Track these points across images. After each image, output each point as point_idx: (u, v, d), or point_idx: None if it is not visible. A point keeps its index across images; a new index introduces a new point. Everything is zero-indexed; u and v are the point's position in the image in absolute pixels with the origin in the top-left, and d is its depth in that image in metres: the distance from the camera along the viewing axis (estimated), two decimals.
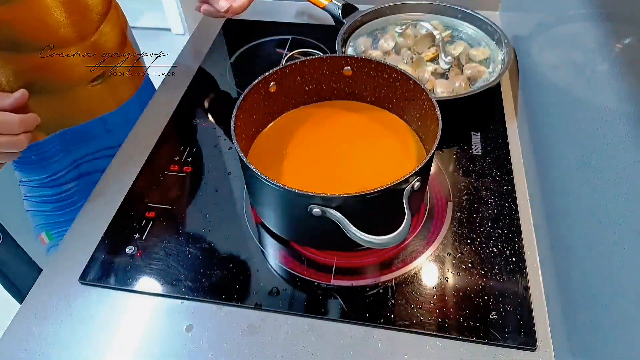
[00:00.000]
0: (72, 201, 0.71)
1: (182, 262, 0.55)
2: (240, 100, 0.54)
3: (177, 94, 0.78)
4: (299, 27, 0.93)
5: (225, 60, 0.85)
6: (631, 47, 0.40)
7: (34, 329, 0.50)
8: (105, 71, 0.68)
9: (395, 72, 0.58)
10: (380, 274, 0.54)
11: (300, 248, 0.56)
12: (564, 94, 0.55)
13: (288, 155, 0.59)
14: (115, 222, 0.59)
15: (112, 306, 0.52)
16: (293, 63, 0.59)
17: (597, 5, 0.48)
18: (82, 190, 0.72)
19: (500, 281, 0.52)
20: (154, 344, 0.49)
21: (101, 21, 0.65)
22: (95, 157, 0.73)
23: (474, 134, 0.69)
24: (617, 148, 0.39)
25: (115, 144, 0.72)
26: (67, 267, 0.55)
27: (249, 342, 0.49)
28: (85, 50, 0.63)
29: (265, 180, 0.46)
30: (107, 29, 0.66)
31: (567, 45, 0.56)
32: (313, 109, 0.65)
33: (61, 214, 0.71)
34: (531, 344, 0.48)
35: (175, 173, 0.65)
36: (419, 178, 0.47)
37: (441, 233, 0.57)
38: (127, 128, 0.74)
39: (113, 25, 0.67)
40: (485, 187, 0.62)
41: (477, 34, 0.80)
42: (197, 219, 0.59)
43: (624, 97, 0.39)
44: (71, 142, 0.70)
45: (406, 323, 0.49)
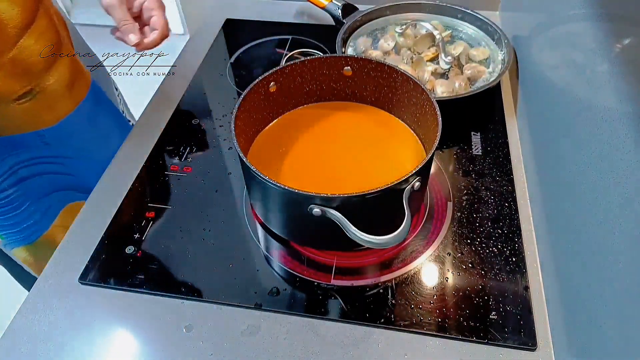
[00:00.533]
0: (15, 205, 0.67)
1: (182, 262, 0.55)
2: (240, 100, 0.54)
3: (177, 94, 0.78)
4: (299, 27, 0.93)
5: (225, 60, 0.85)
6: (631, 47, 0.40)
7: (34, 329, 0.50)
8: (32, 88, 0.61)
9: (395, 72, 0.58)
10: (380, 274, 0.54)
11: (300, 248, 0.56)
12: (564, 94, 0.55)
13: (288, 155, 0.59)
14: (115, 222, 0.59)
15: (112, 306, 0.52)
16: (293, 63, 0.59)
17: (597, 5, 0.47)
18: (24, 195, 0.68)
19: (500, 281, 0.52)
20: (154, 344, 0.49)
21: (20, 35, 0.58)
22: (33, 162, 0.68)
23: (474, 134, 0.69)
24: (617, 148, 0.39)
25: (56, 154, 0.68)
26: (67, 267, 0.55)
27: (249, 342, 0.49)
28: (1, 68, 0.57)
29: (265, 180, 0.46)
30: (30, 43, 0.59)
31: (567, 45, 0.56)
32: (313, 109, 0.65)
33: (7, 218, 0.68)
34: (531, 344, 0.48)
35: (175, 173, 0.65)
36: (419, 178, 0.47)
37: (441, 233, 0.57)
38: (70, 142, 0.69)
39: (38, 37, 0.60)
40: (485, 187, 0.62)
41: (477, 34, 0.80)
42: (197, 219, 0.59)
43: (624, 97, 0.39)
44: (4, 151, 0.64)
45: (406, 323, 0.49)
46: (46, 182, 0.70)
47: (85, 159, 0.72)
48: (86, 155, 0.72)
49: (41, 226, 0.71)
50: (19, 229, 0.69)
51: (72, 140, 0.69)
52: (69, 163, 0.71)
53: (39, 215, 0.70)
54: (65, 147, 0.69)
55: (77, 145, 0.71)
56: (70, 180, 0.73)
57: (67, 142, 0.69)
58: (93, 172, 0.67)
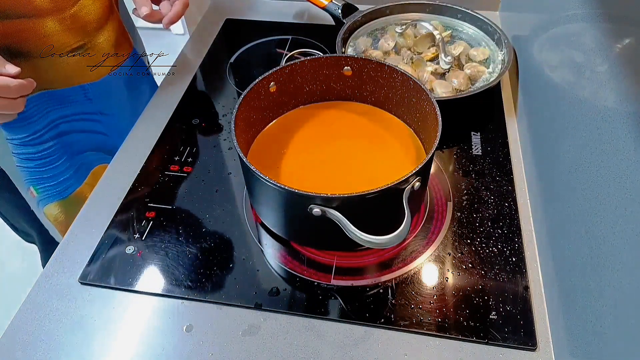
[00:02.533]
0: (53, 159, 0.72)
1: (182, 262, 0.55)
2: (240, 100, 0.54)
3: (177, 94, 0.78)
4: (299, 27, 0.93)
5: (225, 60, 0.85)
6: (631, 47, 0.40)
7: (34, 329, 0.50)
8: (85, 43, 0.67)
9: (395, 73, 0.58)
10: (380, 274, 0.54)
11: (300, 248, 0.56)
12: (563, 94, 0.55)
13: (288, 155, 0.59)
14: (115, 222, 0.59)
15: (112, 306, 0.52)
16: (293, 63, 0.59)
17: (597, 5, 0.47)
18: (62, 149, 0.73)
19: (500, 281, 0.52)
20: (154, 344, 0.49)
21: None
22: (74, 119, 0.73)
23: (474, 134, 0.69)
24: (617, 148, 0.39)
25: (95, 110, 0.73)
26: (67, 267, 0.55)
27: (249, 342, 0.49)
28: (62, 22, 0.63)
29: (265, 180, 0.46)
30: (88, 2, 0.65)
31: (567, 45, 0.56)
32: (313, 109, 0.65)
33: (44, 171, 0.72)
34: (531, 344, 0.48)
35: (175, 173, 0.65)
36: (419, 178, 0.47)
37: (441, 233, 0.57)
38: (109, 100, 0.74)
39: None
40: (485, 187, 0.62)
41: (477, 34, 0.80)
42: (197, 219, 0.59)
43: (624, 97, 0.39)
44: (50, 104, 0.70)
45: (406, 323, 0.49)
46: (83, 139, 0.75)
47: (120, 118, 0.78)
48: (121, 114, 0.78)
49: (74, 182, 0.75)
50: (55, 182, 0.73)
51: (111, 98, 0.74)
52: (105, 121, 0.77)
53: (73, 171, 0.74)
54: (104, 104, 0.74)
55: (114, 103, 0.77)
56: (104, 141, 0.77)
57: (107, 99, 0.74)
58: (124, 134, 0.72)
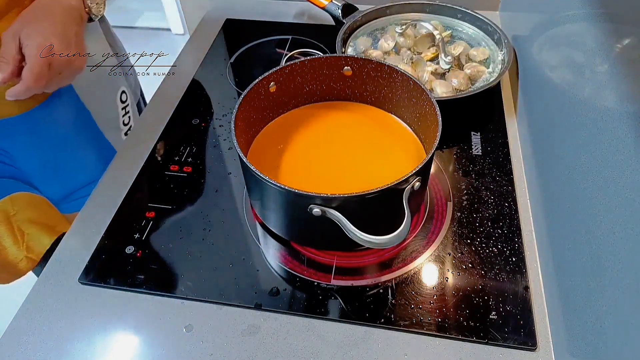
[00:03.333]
0: None
1: (182, 262, 0.55)
2: (240, 100, 0.54)
3: (177, 94, 0.78)
4: (299, 27, 0.93)
5: (225, 60, 0.85)
6: (631, 47, 0.40)
7: (34, 329, 0.50)
8: None
9: (395, 73, 0.58)
10: (380, 274, 0.54)
11: (300, 248, 0.56)
12: (564, 94, 0.55)
13: (288, 155, 0.59)
14: (115, 222, 0.59)
15: (112, 306, 0.52)
16: (293, 63, 0.59)
17: (597, 5, 0.48)
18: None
19: (500, 281, 0.52)
20: (154, 344, 0.49)
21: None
22: None
23: (474, 134, 0.69)
24: (617, 148, 0.39)
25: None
26: (67, 267, 0.55)
27: (249, 342, 0.49)
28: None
29: (265, 180, 0.46)
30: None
31: (567, 45, 0.56)
32: (313, 109, 0.65)
33: None
34: (531, 344, 0.48)
35: (175, 173, 0.65)
36: (419, 178, 0.47)
37: (441, 233, 0.57)
38: (10, 140, 0.66)
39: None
40: (485, 187, 0.62)
41: (477, 34, 0.80)
42: (197, 219, 0.59)
43: (624, 97, 0.39)
44: None
45: (406, 323, 0.49)
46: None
47: (28, 161, 0.70)
48: (28, 157, 0.69)
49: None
50: None
51: (11, 140, 0.66)
52: (9, 156, 0.68)
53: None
54: (5, 142, 0.66)
55: (17, 147, 0.68)
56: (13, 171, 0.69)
57: (8, 140, 0.66)
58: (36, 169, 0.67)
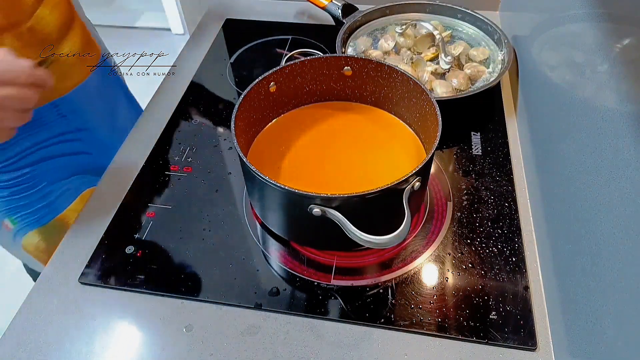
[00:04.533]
0: (29, 186, 0.69)
1: (182, 262, 0.55)
2: (240, 100, 0.54)
3: (177, 94, 0.78)
4: (299, 27, 0.93)
5: (225, 60, 0.85)
6: (631, 47, 0.40)
7: (34, 329, 0.50)
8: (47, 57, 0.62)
9: (395, 73, 0.58)
10: (380, 274, 0.54)
11: (300, 248, 0.56)
12: (564, 94, 0.55)
13: (288, 155, 0.59)
14: (115, 222, 0.59)
15: (112, 306, 0.52)
16: (293, 63, 0.59)
17: (597, 5, 0.48)
18: (41, 175, 0.69)
19: (500, 281, 0.52)
20: (154, 344, 0.49)
21: (36, 6, 0.60)
22: (52, 142, 0.70)
23: (474, 134, 0.69)
24: (617, 148, 0.39)
25: (72, 128, 0.70)
26: (67, 267, 0.55)
27: (249, 342, 0.49)
28: (20, 37, 0.59)
29: (265, 180, 0.46)
30: (45, 13, 0.61)
31: (567, 45, 0.56)
32: (313, 109, 0.65)
33: (19, 198, 0.69)
34: (531, 344, 0.48)
35: (175, 173, 0.65)
36: (419, 178, 0.47)
37: (441, 233, 0.57)
38: (84, 114, 0.71)
39: (52, 8, 0.63)
40: (485, 187, 0.62)
41: (477, 34, 0.80)
42: (197, 219, 0.59)
43: (624, 97, 0.39)
44: (23, 130, 0.65)
45: (406, 323, 0.49)
46: (66, 163, 0.72)
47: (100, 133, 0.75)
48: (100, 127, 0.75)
49: (55, 208, 0.71)
50: (32, 209, 0.70)
51: (85, 112, 0.71)
52: (86, 138, 0.73)
53: (54, 197, 0.71)
54: (80, 119, 0.71)
55: (90, 117, 0.73)
56: (88, 162, 0.74)
57: (82, 113, 0.71)
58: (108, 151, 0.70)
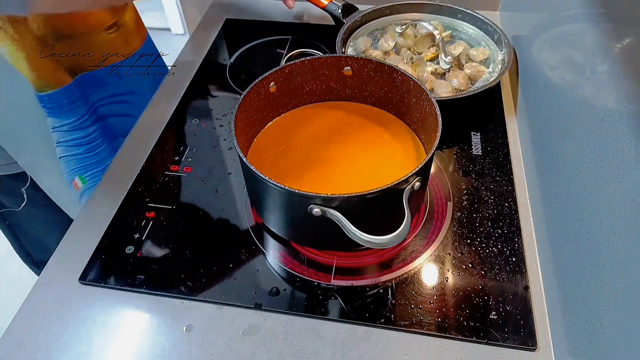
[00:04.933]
0: (97, 143, 0.75)
1: (182, 262, 0.55)
2: (240, 100, 0.54)
3: (177, 94, 0.78)
4: (299, 27, 0.93)
5: (225, 60, 0.85)
6: (631, 47, 0.40)
7: (34, 329, 0.50)
8: (117, 21, 0.73)
9: (395, 72, 0.58)
10: (380, 274, 0.54)
11: (300, 248, 0.56)
12: (564, 94, 0.55)
13: (288, 155, 0.59)
14: (115, 222, 0.59)
15: (112, 306, 0.52)
16: (293, 63, 0.59)
17: (597, 5, 0.48)
18: (103, 133, 0.75)
19: (500, 281, 0.52)
20: (154, 344, 0.49)
21: None
22: (109, 101, 0.77)
23: (474, 134, 0.69)
24: (617, 148, 0.39)
25: (125, 90, 0.78)
26: (67, 267, 0.55)
27: (249, 342, 0.49)
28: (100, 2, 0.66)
29: (265, 180, 0.46)
30: None
31: (567, 45, 0.56)
32: (313, 109, 0.65)
33: (92, 156, 0.74)
34: (531, 344, 0.48)
35: (175, 173, 0.65)
36: (419, 178, 0.47)
37: (441, 233, 0.57)
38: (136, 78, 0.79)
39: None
40: (485, 187, 0.62)
41: (477, 34, 0.80)
42: (197, 219, 0.59)
43: (624, 97, 0.39)
44: (89, 86, 0.73)
45: (406, 323, 0.49)
46: (117, 123, 0.78)
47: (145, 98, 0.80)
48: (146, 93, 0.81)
49: None
50: (101, 167, 0.75)
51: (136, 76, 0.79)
52: (134, 101, 0.80)
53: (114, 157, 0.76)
54: (133, 82, 0.78)
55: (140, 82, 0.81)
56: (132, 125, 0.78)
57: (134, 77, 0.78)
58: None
